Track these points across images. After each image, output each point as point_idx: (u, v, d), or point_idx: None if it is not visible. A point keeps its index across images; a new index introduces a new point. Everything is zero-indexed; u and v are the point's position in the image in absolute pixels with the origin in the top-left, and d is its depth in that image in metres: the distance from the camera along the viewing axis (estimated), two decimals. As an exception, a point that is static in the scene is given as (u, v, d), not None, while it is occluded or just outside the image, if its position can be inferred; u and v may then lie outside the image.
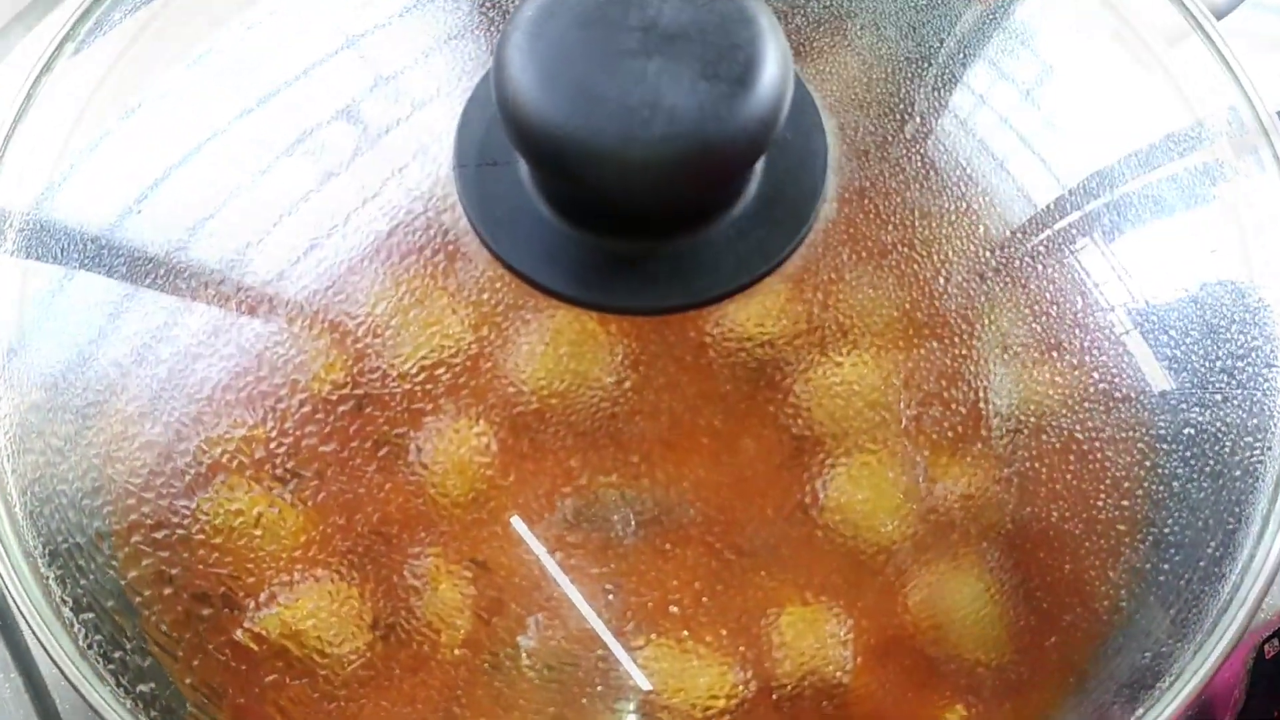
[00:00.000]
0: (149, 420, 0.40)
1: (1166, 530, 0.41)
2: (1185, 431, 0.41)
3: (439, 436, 0.39)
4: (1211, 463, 0.41)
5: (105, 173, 0.43)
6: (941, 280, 0.40)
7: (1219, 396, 0.42)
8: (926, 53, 0.44)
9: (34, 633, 0.40)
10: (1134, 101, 0.46)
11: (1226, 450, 0.41)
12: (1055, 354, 0.41)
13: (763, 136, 0.34)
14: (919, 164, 0.42)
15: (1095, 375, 0.41)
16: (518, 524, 0.39)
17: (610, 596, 0.39)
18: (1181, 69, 0.46)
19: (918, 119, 0.42)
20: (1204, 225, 0.44)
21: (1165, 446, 0.41)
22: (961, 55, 0.44)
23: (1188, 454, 0.41)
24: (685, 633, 0.39)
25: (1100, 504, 0.40)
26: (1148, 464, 0.41)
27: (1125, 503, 0.41)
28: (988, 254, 0.41)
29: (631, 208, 0.36)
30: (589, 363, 0.39)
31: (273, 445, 0.39)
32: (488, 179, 0.38)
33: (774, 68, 0.33)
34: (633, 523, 0.39)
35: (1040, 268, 0.42)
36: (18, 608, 0.40)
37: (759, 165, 0.37)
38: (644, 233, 0.37)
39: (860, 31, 0.43)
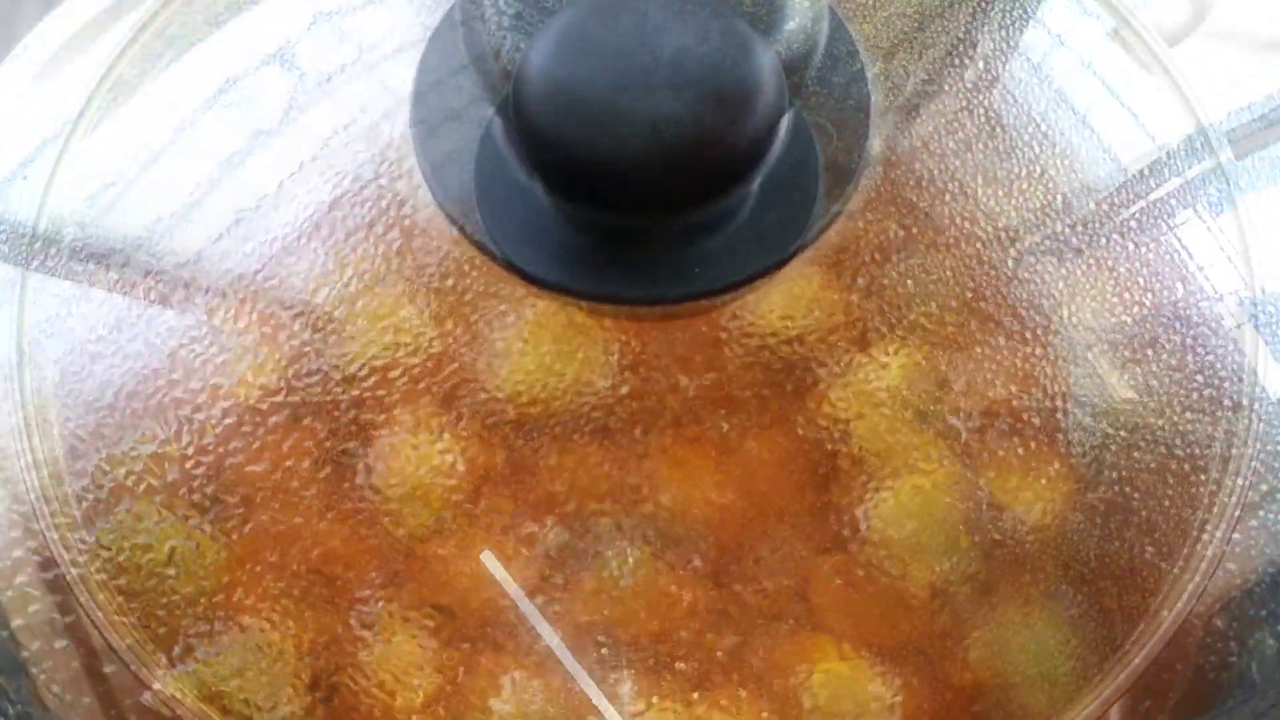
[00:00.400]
0: (37, 434, 0.38)
1: (1287, 569, 0.39)
2: (1310, 448, 0.39)
3: (393, 454, 0.37)
4: (1342, 486, 0.40)
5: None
6: (1010, 262, 0.38)
7: (1352, 405, 0.40)
8: (992, -19, 0.41)
9: (-104, 692, 0.39)
10: (1243, 44, 0.44)
11: (1360, 471, 0.40)
12: (1150, 352, 0.39)
13: (788, 88, 0.32)
14: (982, 119, 0.39)
15: (1199, 379, 0.38)
16: (489, 561, 0.37)
17: (603, 650, 0.37)
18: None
19: (980, 64, 0.40)
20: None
21: (1285, 466, 0.39)
22: (1036, -16, 0.42)
23: (1313, 475, 0.39)
24: (695, 695, 0.37)
25: (1205, 537, 0.38)
26: (1264, 488, 0.38)
27: (1235, 535, 0.38)
28: (1066, 230, 0.39)
29: (629, 176, 0.34)
30: (578, 364, 0.37)
31: (189, 465, 0.37)
32: (453, 139, 0.36)
33: (802, 2, 0.33)
34: (630, 559, 0.37)
35: (1131, 247, 0.39)
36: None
37: (784, 123, 0.35)
38: (645, 206, 0.35)
39: (911, -44, 0.42)
